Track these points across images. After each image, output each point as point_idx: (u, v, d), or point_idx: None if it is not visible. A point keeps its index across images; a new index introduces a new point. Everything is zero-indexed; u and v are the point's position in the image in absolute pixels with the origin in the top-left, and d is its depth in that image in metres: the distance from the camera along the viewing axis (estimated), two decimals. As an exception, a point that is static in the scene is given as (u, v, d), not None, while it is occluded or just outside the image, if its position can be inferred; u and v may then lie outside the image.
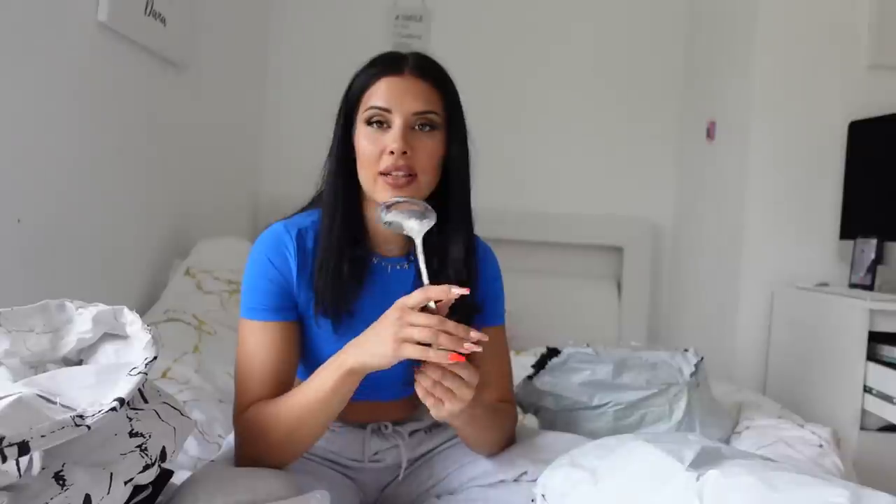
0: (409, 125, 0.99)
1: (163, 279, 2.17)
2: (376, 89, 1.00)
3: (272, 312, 1.01)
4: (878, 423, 1.84)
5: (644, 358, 1.40)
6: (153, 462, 0.81)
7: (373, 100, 0.99)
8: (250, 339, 1.01)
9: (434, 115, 1.00)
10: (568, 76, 2.96)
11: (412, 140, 0.98)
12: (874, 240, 2.05)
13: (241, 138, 2.83)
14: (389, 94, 0.99)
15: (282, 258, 1.02)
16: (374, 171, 0.98)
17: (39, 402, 0.73)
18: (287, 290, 1.02)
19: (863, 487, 0.82)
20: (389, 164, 0.97)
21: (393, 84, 0.99)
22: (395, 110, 0.98)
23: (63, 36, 1.65)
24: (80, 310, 0.92)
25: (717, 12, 2.68)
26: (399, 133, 0.97)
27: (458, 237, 1.05)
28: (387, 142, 0.98)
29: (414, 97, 0.99)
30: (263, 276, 1.02)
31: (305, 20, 2.97)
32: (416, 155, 0.98)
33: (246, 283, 1.03)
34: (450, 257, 1.04)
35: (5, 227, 1.51)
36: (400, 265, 1.08)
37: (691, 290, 2.75)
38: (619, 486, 0.89)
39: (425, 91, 1.00)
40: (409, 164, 0.97)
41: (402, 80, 1.00)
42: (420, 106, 0.99)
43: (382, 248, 1.08)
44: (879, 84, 2.21)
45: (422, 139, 0.99)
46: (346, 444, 1.12)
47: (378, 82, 1.00)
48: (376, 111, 0.99)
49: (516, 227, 2.86)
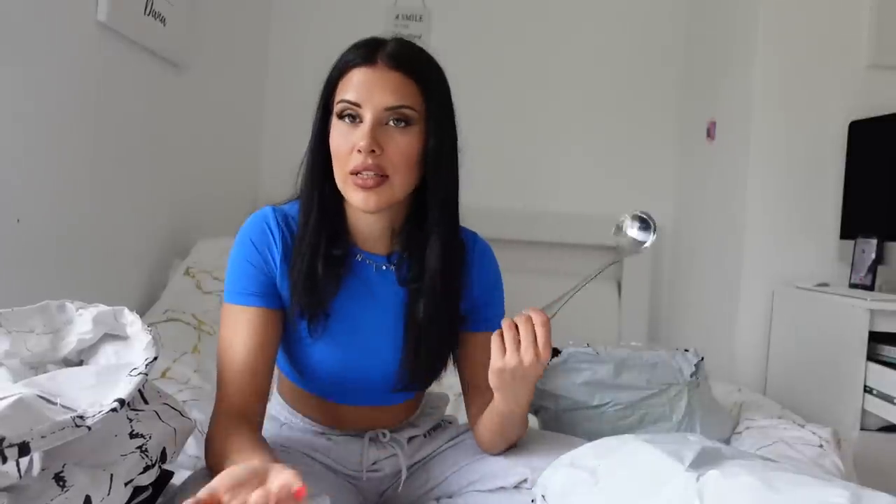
0: (381, 121, 0.93)
1: (162, 279, 2.17)
2: (348, 80, 0.94)
3: (253, 297, 0.97)
4: (878, 423, 1.84)
5: (644, 358, 1.40)
6: (153, 463, 0.81)
7: (344, 92, 0.94)
8: (230, 324, 0.97)
9: (408, 109, 0.93)
10: (568, 75, 2.96)
11: (383, 137, 0.92)
12: (874, 240, 2.04)
13: (241, 138, 2.83)
14: (360, 87, 0.93)
15: (265, 243, 0.99)
16: (344, 169, 0.94)
17: (40, 402, 0.73)
18: (269, 276, 0.98)
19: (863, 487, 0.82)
20: (358, 163, 0.92)
21: (364, 76, 0.93)
22: (366, 105, 0.92)
23: (63, 36, 1.65)
24: (81, 310, 0.92)
25: (717, 12, 2.68)
26: (368, 130, 0.91)
27: (436, 242, 1.00)
28: (356, 138, 0.92)
29: (385, 91, 0.92)
30: (246, 260, 0.98)
31: (305, 20, 2.97)
32: (388, 153, 0.92)
33: (229, 266, 0.99)
34: (426, 264, 1.00)
35: (5, 227, 1.51)
36: (385, 266, 1.04)
37: (691, 290, 2.75)
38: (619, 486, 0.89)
39: (399, 83, 0.93)
40: (379, 163, 0.92)
41: (374, 71, 0.93)
42: (392, 100, 0.92)
43: (365, 244, 1.03)
44: (879, 84, 2.20)
45: (394, 136, 0.93)
46: (343, 454, 1.09)
47: (350, 73, 0.94)
48: (346, 105, 0.93)
49: (516, 227, 2.86)
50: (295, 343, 1.03)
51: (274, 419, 1.15)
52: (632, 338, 2.77)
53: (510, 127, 2.92)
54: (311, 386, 1.09)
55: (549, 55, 2.96)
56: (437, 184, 0.99)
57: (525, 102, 2.96)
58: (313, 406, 1.11)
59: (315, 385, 1.08)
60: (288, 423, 1.14)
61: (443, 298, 1.01)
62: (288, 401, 1.15)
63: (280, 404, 1.16)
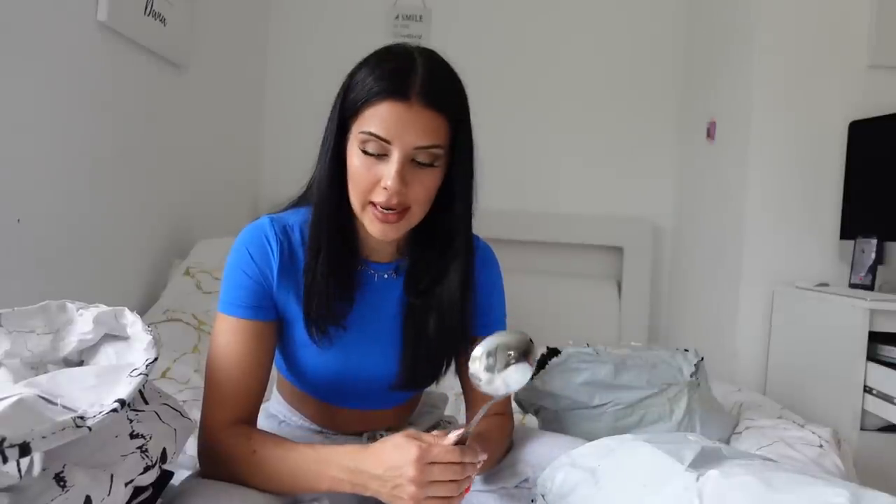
0: (409, 157, 0.90)
1: (162, 279, 2.17)
2: (377, 112, 0.88)
3: (248, 310, 0.96)
4: (878, 423, 1.84)
5: (644, 358, 1.40)
6: (154, 463, 0.81)
7: (372, 124, 0.89)
8: (223, 335, 0.96)
9: (438, 148, 0.90)
10: (568, 76, 2.96)
11: (410, 174, 0.90)
12: (874, 240, 2.05)
13: (241, 138, 2.83)
14: (391, 124, 0.88)
15: (263, 254, 0.97)
16: (364, 198, 0.92)
17: (40, 403, 0.73)
18: (266, 288, 0.97)
19: (863, 487, 0.82)
20: (382, 199, 0.90)
21: (396, 112, 0.88)
22: (396, 143, 0.88)
23: (63, 36, 1.65)
24: (81, 311, 0.92)
25: (717, 12, 2.68)
26: (397, 170, 0.88)
27: (458, 266, 1.00)
28: (382, 173, 0.89)
29: (418, 131, 0.88)
30: (242, 271, 0.97)
31: (305, 20, 2.97)
32: (411, 189, 0.90)
33: (225, 276, 0.98)
34: (446, 287, 1.00)
35: (5, 227, 1.51)
36: (388, 274, 1.04)
37: (691, 290, 2.75)
38: (619, 486, 0.89)
39: (431, 122, 0.89)
40: (403, 200, 0.90)
41: (408, 109, 0.88)
42: (424, 140, 0.89)
43: (372, 254, 1.03)
44: (879, 84, 2.20)
45: (420, 173, 0.91)
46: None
47: (380, 104, 0.88)
48: (374, 139, 0.89)
49: (516, 227, 2.86)
50: (296, 350, 1.03)
51: (272, 417, 1.16)
52: (632, 338, 2.77)
53: (510, 127, 2.92)
54: (309, 389, 1.09)
55: (549, 55, 2.96)
56: (462, 211, 0.99)
57: (525, 102, 2.96)
58: (312, 406, 1.12)
59: (314, 388, 1.09)
60: (286, 421, 1.15)
61: (459, 316, 1.02)
62: (287, 399, 1.15)
63: (279, 402, 1.16)
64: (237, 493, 0.89)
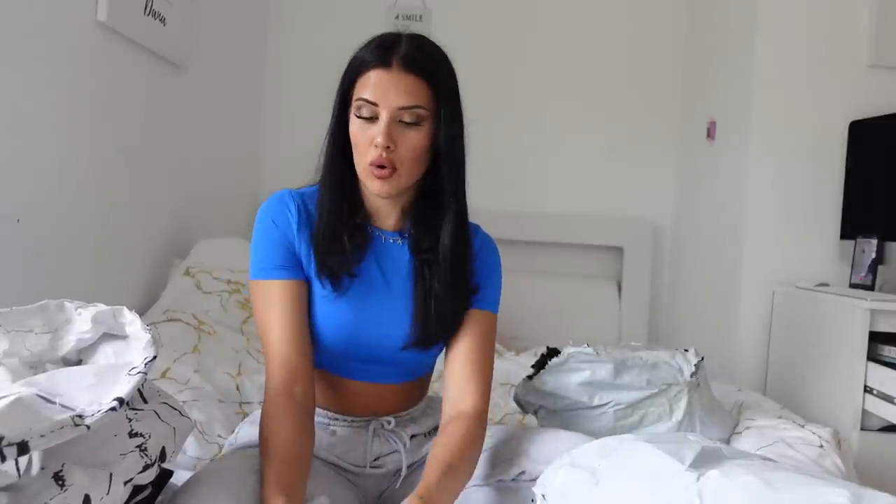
0: (395, 119, 1.02)
1: (162, 279, 2.17)
2: (366, 80, 1.02)
3: (278, 270, 1.05)
4: (878, 423, 1.84)
5: (644, 358, 1.40)
6: (153, 462, 0.81)
7: (362, 91, 1.02)
8: (260, 300, 1.05)
9: (420, 108, 1.02)
10: (568, 76, 2.96)
11: (396, 134, 1.02)
12: (874, 240, 2.04)
13: (241, 138, 2.83)
14: (377, 87, 1.01)
15: (283, 217, 1.07)
16: (364, 159, 1.03)
17: (39, 402, 0.73)
18: (290, 248, 1.07)
19: (863, 487, 0.81)
20: (375, 156, 1.02)
21: (381, 77, 1.01)
22: (382, 104, 1.01)
23: (63, 36, 1.65)
24: (80, 310, 0.92)
25: (717, 12, 2.68)
26: (384, 127, 1.01)
27: (449, 222, 1.09)
28: (374, 133, 1.02)
29: (399, 92, 1.01)
30: (267, 236, 1.07)
31: (305, 20, 2.97)
32: (399, 149, 1.02)
33: (253, 246, 1.08)
34: (440, 242, 1.09)
35: (5, 227, 1.51)
36: (394, 239, 1.13)
37: (691, 290, 2.75)
38: (619, 486, 0.89)
39: (412, 85, 1.01)
40: (391, 157, 1.02)
41: (390, 73, 1.01)
42: (405, 101, 1.01)
43: (378, 221, 1.13)
44: (879, 84, 2.20)
45: (405, 133, 1.02)
46: (348, 448, 1.12)
47: (368, 73, 1.02)
48: (364, 103, 1.02)
49: (516, 227, 2.86)
50: (314, 304, 1.08)
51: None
52: (632, 338, 2.77)
53: (510, 127, 2.92)
54: (324, 354, 1.10)
55: (549, 55, 2.96)
56: (448, 172, 1.08)
57: (525, 102, 2.96)
58: (322, 389, 1.13)
59: (330, 345, 1.09)
60: None
61: (455, 269, 1.10)
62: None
63: None
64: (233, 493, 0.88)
